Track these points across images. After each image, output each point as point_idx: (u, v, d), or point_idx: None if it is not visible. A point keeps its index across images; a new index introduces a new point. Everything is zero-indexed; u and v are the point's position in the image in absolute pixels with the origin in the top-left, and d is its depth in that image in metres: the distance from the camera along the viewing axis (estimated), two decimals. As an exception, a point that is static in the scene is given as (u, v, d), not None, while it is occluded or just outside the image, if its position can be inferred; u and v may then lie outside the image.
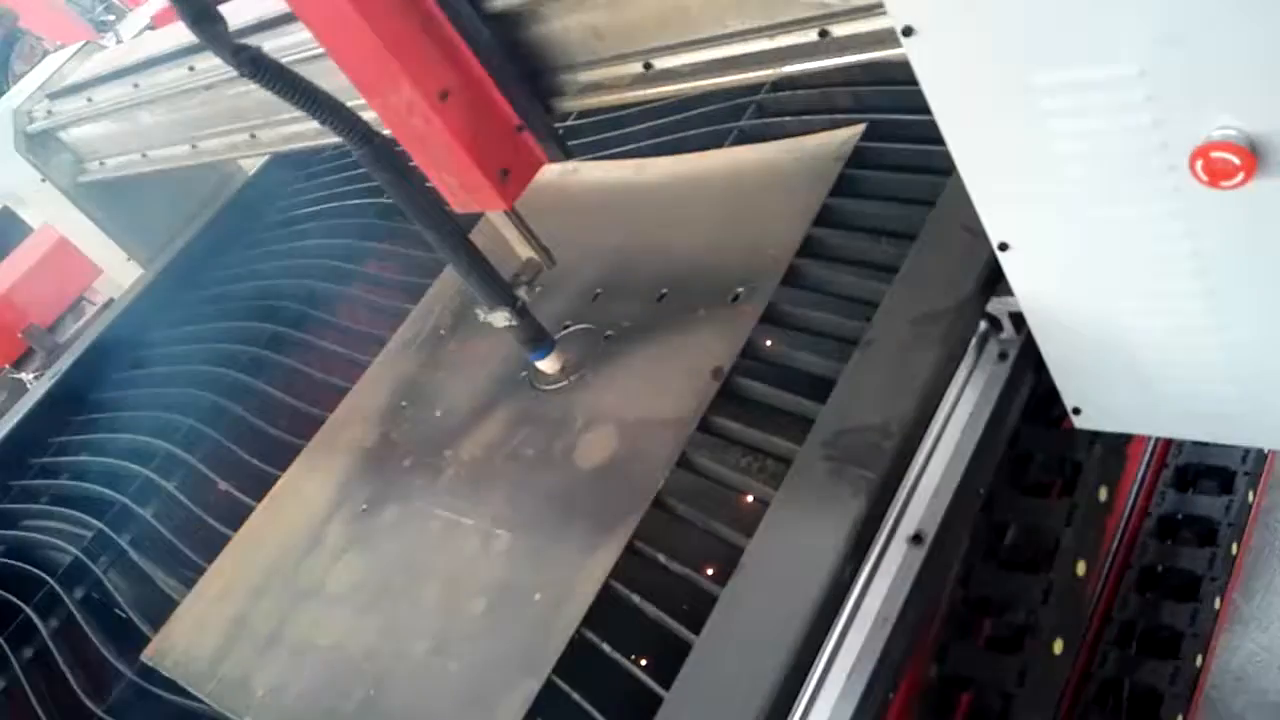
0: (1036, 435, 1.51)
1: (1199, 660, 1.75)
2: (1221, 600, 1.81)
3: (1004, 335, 1.42)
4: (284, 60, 1.54)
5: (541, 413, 1.71)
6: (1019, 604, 1.40)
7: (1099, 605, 1.82)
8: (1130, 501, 1.94)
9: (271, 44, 1.64)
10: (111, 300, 3.12)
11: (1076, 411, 1.33)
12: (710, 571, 1.35)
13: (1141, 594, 1.83)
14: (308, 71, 1.52)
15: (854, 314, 1.51)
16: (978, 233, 1.15)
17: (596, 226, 2.01)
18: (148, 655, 1.81)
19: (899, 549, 1.28)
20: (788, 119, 1.94)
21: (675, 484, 1.47)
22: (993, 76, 0.97)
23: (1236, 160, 0.90)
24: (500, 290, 1.59)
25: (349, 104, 1.42)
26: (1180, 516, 1.91)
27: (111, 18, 6.36)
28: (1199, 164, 0.93)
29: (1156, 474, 1.98)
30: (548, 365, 1.72)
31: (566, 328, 1.84)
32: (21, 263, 4.76)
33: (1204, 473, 1.95)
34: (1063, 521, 1.43)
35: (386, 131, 1.44)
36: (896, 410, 1.27)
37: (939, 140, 1.06)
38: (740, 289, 1.65)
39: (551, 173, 1.53)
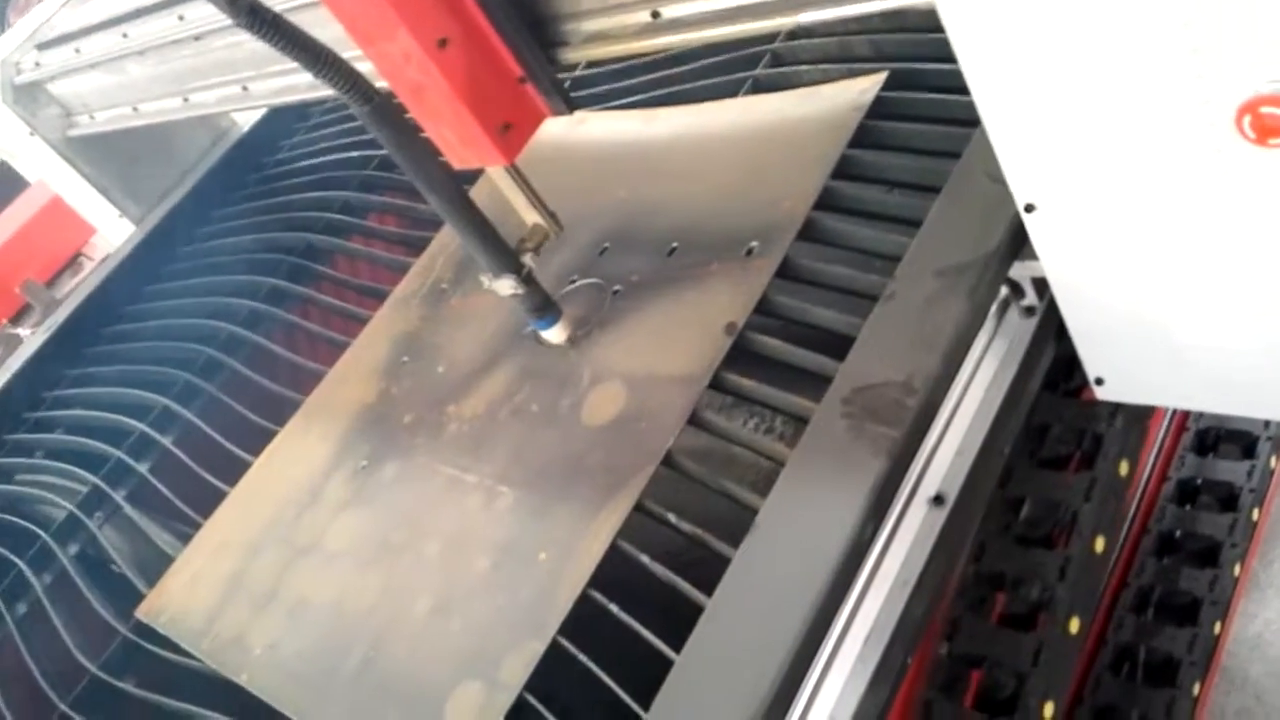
0: (1054, 407, 1.46)
1: (1217, 627, 1.72)
2: (1242, 567, 1.77)
3: (1025, 301, 1.37)
4: (278, 9, 1.49)
5: (547, 368, 1.66)
6: (1034, 581, 1.36)
7: (1115, 571, 1.79)
8: (1149, 466, 1.90)
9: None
10: (108, 255, 3.07)
11: (1100, 382, 1.29)
12: (723, 532, 1.30)
13: (1159, 559, 1.79)
14: (302, 20, 1.46)
15: (874, 268, 1.46)
16: (1005, 182, 1.10)
17: (604, 178, 1.95)
18: (142, 612, 1.78)
19: (919, 510, 1.24)
20: (804, 68, 1.87)
21: (686, 442, 1.42)
22: (1024, 25, 0.91)
23: None
24: (505, 257, 1.53)
25: (345, 54, 1.36)
26: (1200, 481, 1.88)
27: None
28: (1246, 120, 0.88)
29: (1176, 438, 1.94)
30: (554, 335, 1.66)
31: (573, 282, 1.78)
32: (18, 217, 4.70)
33: (1225, 437, 1.91)
34: (1081, 497, 1.39)
35: (383, 83, 1.38)
36: (920, 366, 1.22)
37: (963, 90, 1.01)
38: (754, 243, 1.60)
39: (557, 123, 1.47)
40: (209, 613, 1.68)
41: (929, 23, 0.97)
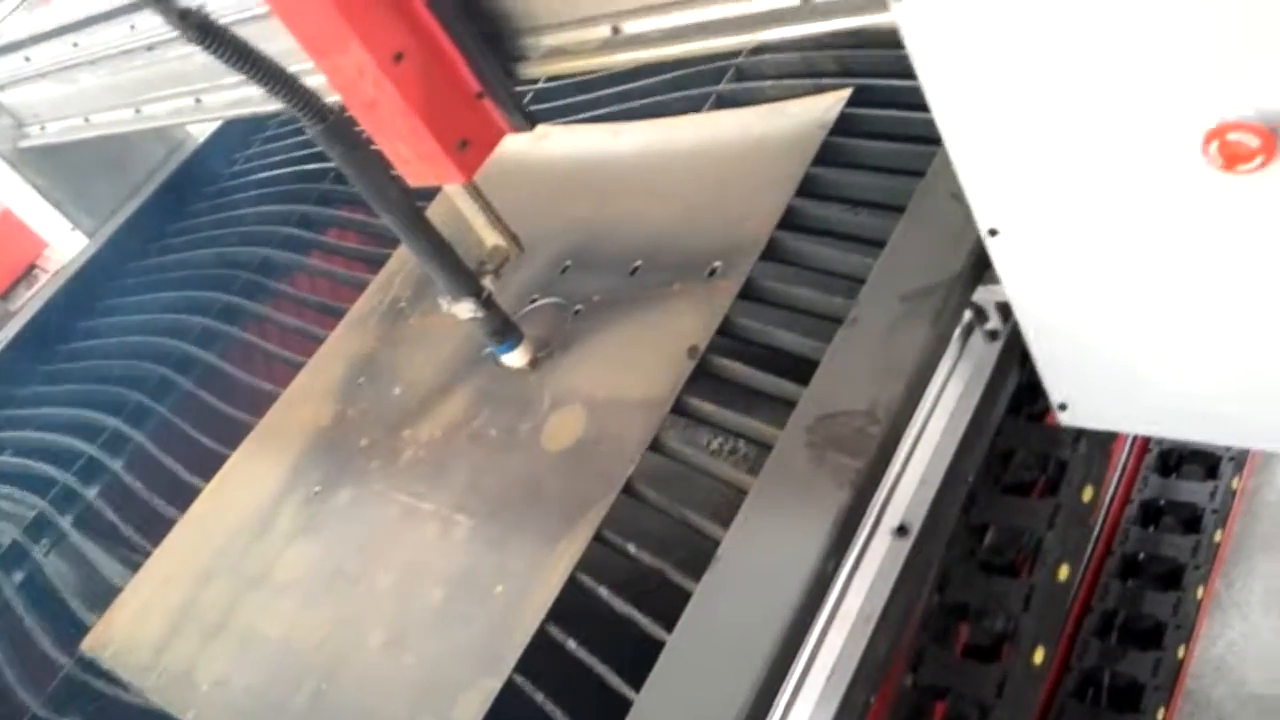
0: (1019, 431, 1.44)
1: (1181, 651, 1.70)
2: (1205, 589, 1.76)
3: (989, 326, 1.35)
4: (230, 20, 1.44)
5: (506, 392, 1.62)
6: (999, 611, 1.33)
7: (1079, 594, 1.78)
8: (1113, 487, 1.89)
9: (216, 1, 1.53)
10: (60, 269, 3.00)
11: (1063, 408, 1.27)
12: (684, 564, 1.27)
13: (1123, 583, 1.78)
14: (255, 30, 1.42)
15: (838, 290, 1.43)
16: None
17: (566, 194, 1.92)
18: (88, 645, 1.72)
19: (883, 541, 1.21)
20: (768, 83, 1.84)
21: (647, 469, 1.39)
22: (988, 45, 0.89)
23: (1255, 142, 0.82)
24: (464, 279, 1.49)
25: (297, 66, 1.32)
26: (1163, 503, 1.87)
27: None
28: (1213, 146, 0.86)
29: (1139, 459, 1.93)
30: (514, 359, 1.61)
31: (533, 301, 1.75)
32: (-32, 228, 4.59)
33: (1188, 458, 1.90)
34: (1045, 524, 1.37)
35: (335, 97, 1.33)
36: (884, 394, 1.19)
37: (928, 107, 0.98)
38: (718, 263, 1.57)
39: (519, 138, 1.43)
40: (156, 646, 1.62)
41: (894, 39, 0.94)
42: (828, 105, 1.69)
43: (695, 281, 1.57)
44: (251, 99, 1.94)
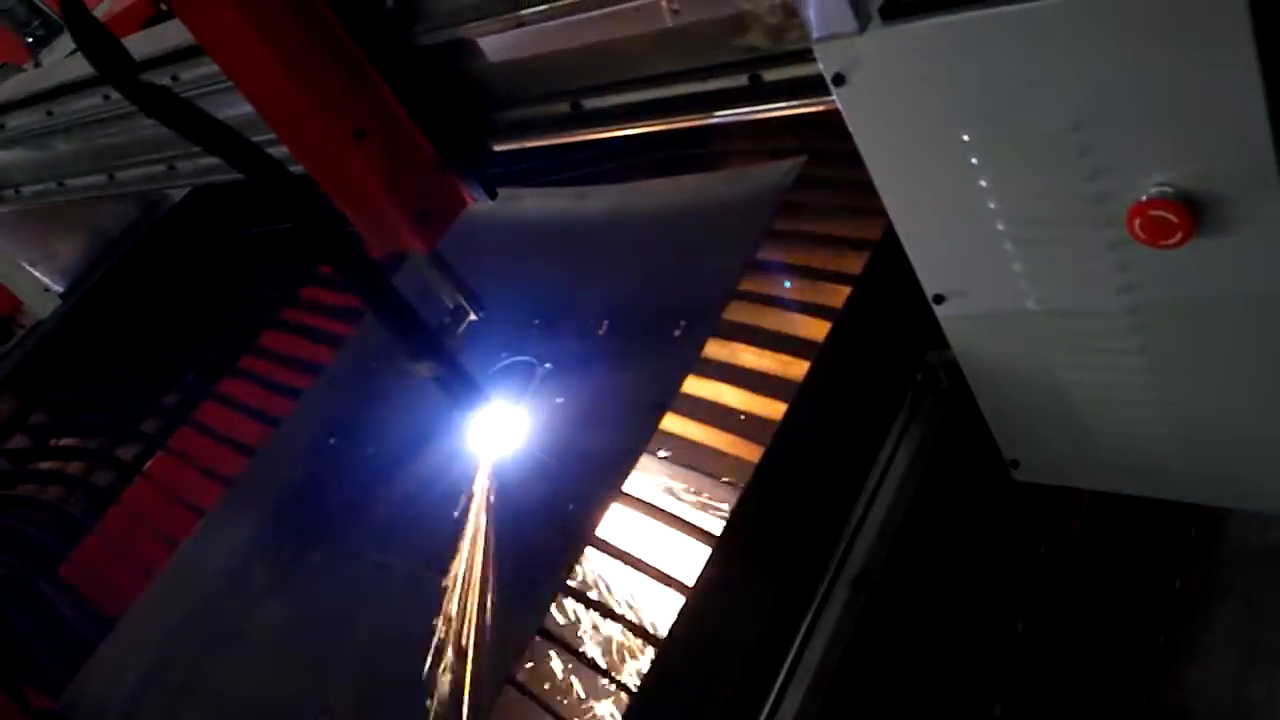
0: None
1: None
2: (1164, 639, 1.79)
3: (940, 385, 1.40)
4: (201, 91, 1.48)
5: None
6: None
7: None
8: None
9: (188, 74, 1.58)
10: (39, 323, 3.01)
11: (1014, 464, 1.31)
12: (652, 612, 1.30)
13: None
14: (226, 100, 1.46)
15: (794, 352, 1.48)
16: (917, 270, 1.12)
17: (535, 255, 1.97)
18: (59, 705, 1.72)
19: (842, 594, 1.24)
20: (730, 146, 1.91)
21: (615, 523, 1.42)
22: (925, 126, 0.94)
23: (1174, 219, 0.86)
24: (425, 341, 1.50)
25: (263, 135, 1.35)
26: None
27: (43, 33, 6.13)
28: (1137, 222, 0.90)
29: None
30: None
31: (504, 360, 1.78)
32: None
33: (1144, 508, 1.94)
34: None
35: (298, 168, 1.37)
36: (839, 452, 1.24)
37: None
38: (682, 322, 1.61)
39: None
40: (128, 707, 1.62)
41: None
42: (787, 169, 1.75)
43: (660, 340, 1.61)
44: (223, 166, 1.97)
